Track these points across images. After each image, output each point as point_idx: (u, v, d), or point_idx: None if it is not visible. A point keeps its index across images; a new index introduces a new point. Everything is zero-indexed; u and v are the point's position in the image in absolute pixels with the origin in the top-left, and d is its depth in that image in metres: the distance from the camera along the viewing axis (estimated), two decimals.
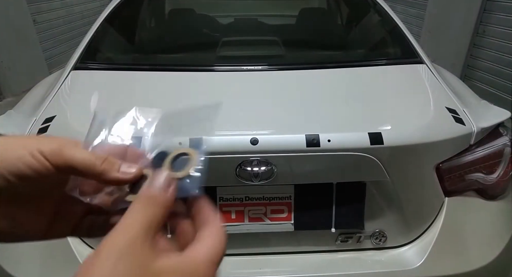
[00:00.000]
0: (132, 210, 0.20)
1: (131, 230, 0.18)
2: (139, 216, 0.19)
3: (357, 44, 1.43)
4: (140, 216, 0.19)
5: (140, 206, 0.20)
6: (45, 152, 0.21)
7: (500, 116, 0.88)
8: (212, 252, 0.20)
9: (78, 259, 0.79)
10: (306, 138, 0.73)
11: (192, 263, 0.19)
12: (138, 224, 0.19)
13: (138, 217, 0.19)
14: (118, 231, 0.18)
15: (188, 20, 1.48)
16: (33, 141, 0.22)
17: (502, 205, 0.89)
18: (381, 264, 0.83)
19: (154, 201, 0.20)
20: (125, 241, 0.18)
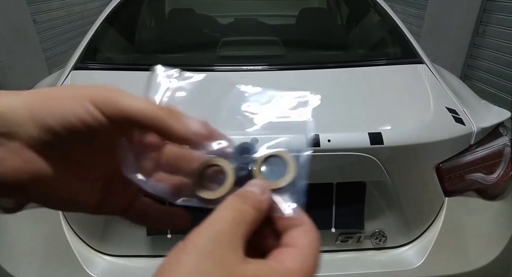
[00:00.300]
0: (223, 205, 0.18)
1: (219, 225, 0.16)
2: (229, 213, 0.17)
3: (357, 44, 1.43)
4: (232, 212, 0.17)
5: (230, 202, 0.18)
6: (98, 102, 0.18)
7: (500, 116, 0.88)
8: (308, 264, 0.17)
9: (78, 259, 0.79)
10: (306, 138, 0.73)
11: (288, 274, 0.16)
12: (228, 220, 0.17)
13: (228, 213, 0.17)
14: (206, 226, 0.16)
15: (188, 20, 1.48)
16: (85, 91, 0.19)
17: (502, 205, 0.89)
18: (381, 264, 0.83)
19: (251, 201, 0.18)
20: (211, 237, 0.16)
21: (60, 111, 0.18)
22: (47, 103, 0.18)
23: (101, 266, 0.81)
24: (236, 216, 0.17)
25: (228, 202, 0.18)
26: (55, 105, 0.18)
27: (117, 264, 0.82)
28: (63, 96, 0.19)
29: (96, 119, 0.18)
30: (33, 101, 0.18)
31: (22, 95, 0.18)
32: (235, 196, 0.18)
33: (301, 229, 0.19)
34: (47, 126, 0.18)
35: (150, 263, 0.82)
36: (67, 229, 0.81)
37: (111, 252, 0.83)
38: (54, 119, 0.18)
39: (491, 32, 2.52)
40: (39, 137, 0.18)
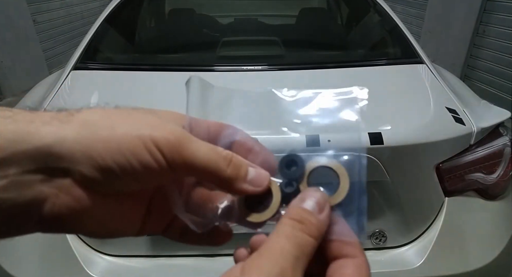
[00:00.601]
0: (281, 232, 0.16)
1: (282, 261, 0.15)
2: (289, 246, 0.16)
3: (357, 44, 1.43)
4: (290, 246, 0.16)
5: (290, 231, 0.16)
6: (161, 145, 0.17)
7: (500, 116, 0.88)
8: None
9: (78, 259, 0.79)
10: (306, 138, 0.73)
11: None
12: (289, 255, 0.15)
13: (287, 246, 0.16)
14: (266, 257, 0.15)
15: (188, 20, 1.48)
16: (149, 131, 0.17)
17: (502, 205, 0.89)
18: (381, 264, 0.83)
19: (310, 229, 0.16)
20: (276, 273, 0.15)
21: (120, 152, 0.16)
22: (104, 141, 0.16)
23: (101, 266, 0.81)
24: (298, 251, 0.16)
25: (287, 229, 0.16)
26: (114, 145, 0.16)
27: (117, 264, 0.82)
28: (124, 134, 0.17)
29: (160, 164, 0.17)
30: (87, 136, 0.16)
31: (72, 126, 0.16)
32: (292, 221, 0.17)
33: (354, 265, 0.17)
34: (104, 166, 0.16)
35: (150, 263, 0.82)
36: None
37: (111, 252, 0.83)
38: (113, 160, 0.16)
39: (491, 32, 2.52)
40: (92, 175, 0.16)
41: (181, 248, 0.82)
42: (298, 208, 0.17)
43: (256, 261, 0.15)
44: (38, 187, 0.16)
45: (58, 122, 0.16)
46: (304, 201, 0.17)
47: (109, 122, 0.17)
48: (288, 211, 0.17)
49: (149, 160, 0.17)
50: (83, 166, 0.16)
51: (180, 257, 0.82)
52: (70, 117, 0.17)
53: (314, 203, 0.17)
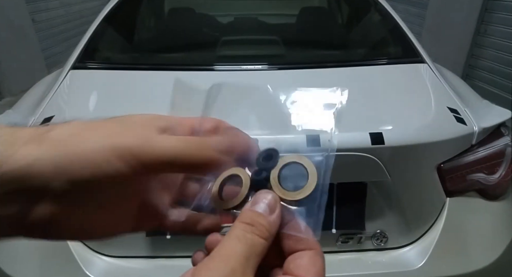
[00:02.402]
0: (233, 234, 0.17)
1: (231, 262, 0.16)
2: (239, 247, 0.17)
3: (358, 43, 1.43)
4: (241, 247, 0.17)
5: (241, 233, 0.17)
6: (123, 152, 0.17)
7: (502, 116, 0.88)
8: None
9: (77, 260, 0.79)
10: (306, 138, 0.72)
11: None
12: (239, 256, 0.16)
13: (238, 247, 0.17)
14: (217, 260, 0.16)
15: (188, 19, 1.47)
16: (110, 137, 0.18)
17: (504, 206, 0.88)
18: (382, 265, 0.83)
19: (260, 231, 0.17)
20: (226, 273, 0.16)
21: (88, 165, 0.17)
22: (73, 157, 0.17)
23: (100, 267, 0.80)
24: (248, 252, 0.17)
25: (238, 232, 0.17)
26: (82, 159, 0.17)
27: (116, 265, 0.81)
28: (90, 148, 0.17)
29: (122, 171, 0.17)
30: (58, 154, 0.17)
31: (45, 146, 0.17)
32: (243, 224, 0.18)
33: (308, 256, 0.18)
34: (74, 180, 0.17)
35: (149, 264, 0.82)
36: None
37: (110, 253, 0.82)
38: (81, 174, 0.17)
39: (493, 32, 2.51)
40: (65, 189, 0.17)
41: (181, 249, 0.81)
42: (249, 211, 0.18)
43: (207, 263, 0.16)
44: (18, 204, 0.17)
45: (34, 142, 0.18)
46: (256, 204, 0.18)
47: (78, 138, 0.18)
48: (240, 215, 0.18)
49: (111, 169, 0.17)
50: (56, 183, 0.17)
51: (179, 258, 0.82)
52: (44, 135, 0.18)
53: (265, 205, 0.18)
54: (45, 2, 3.36)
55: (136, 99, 0.89)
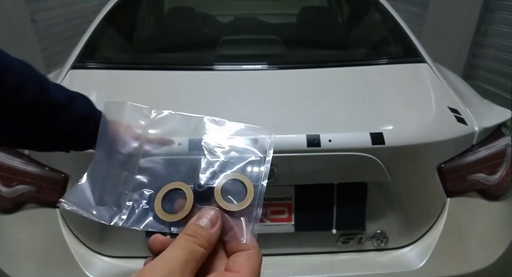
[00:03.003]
0: (176, 243, 0.20)
1: (171, 264, 0.19)
2: (181, 252, 0.20)
3: (358, 43, 1.42)
4: (181, 253, 0.20)
5: (183, 242, 0.20)
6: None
7: (503, 115, 0.88)
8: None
9: (76, 260, 0.79)
10: (307, 138, 0.72)
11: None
12: (178, 259, 0.19)
13: (179, 253, 0.20)
14: (159, 262, 0.19)
15: (188, 19, 1.47)
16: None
17: (504, 206, 0.88)
18: (382, 265, 0.83)
19: (201, 241, 0.21)
20: (164, 274, 0.18)
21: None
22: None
23: (99, 267, 0.80)
24: (187, 257, 0.20)
25: (181, 241, 0.20)
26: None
27: (116, 265, 0.81)
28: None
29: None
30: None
31: None
32: (186, 236, 0.21)
33: (245, 255, 0.21)
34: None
35: None
36: (65, 230, 0.80)
37: (110, 253, 0.82)
38: None
39: (493, 31, 2.51)
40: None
41: None
42: (193, 225, 0.22)
43: (151, 265, 0.19)
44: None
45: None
46: (200, 219, 0.22)
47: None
48: (185, 228, 0.21)
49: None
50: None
51: None
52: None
53: (208, 220, 0.22)
54: (45, 2, 3.35)
55: (136, 99, 0.89)
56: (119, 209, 0.25)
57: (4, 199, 0.80)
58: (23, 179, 0.79)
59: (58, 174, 0.78)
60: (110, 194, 0.25)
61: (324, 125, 0.78)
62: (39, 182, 0.79)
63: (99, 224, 0.88)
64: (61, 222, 0.80)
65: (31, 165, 0.79)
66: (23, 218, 0.81)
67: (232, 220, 0.22)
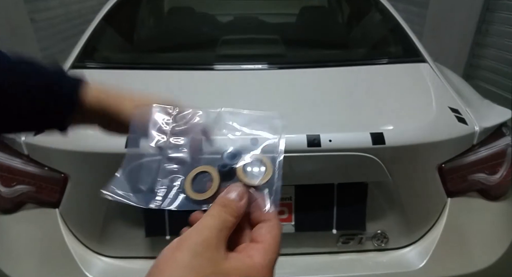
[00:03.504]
0: (209, 213, 0.23)
1: (207, 232, 0.21)
2: (214, 221, 0.22)
3: (359, 43, 1.42)
4: (215, 222, 0.22)
5: (216, 212, 0.23)
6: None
7: (503, 115, 0.87)
8: (271, 257, 0.23)
9: (76, 261, 0.79)
10: (307, 138, 0.72)
11: (255, 268, 0.22)
12: (213, 228, 0.22)
13: (213, 221, 0.22)
14: (196, 231, 0.22)
15: (188, 19, 1.47)
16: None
17: (505, 206, 0.88)
18: (382, 265, 0.82)
19: (228, 210, 0.23)
20: (201, 240, 0.21)
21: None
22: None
23: (99, 268, 0.80)
24: (220, 225, 0.22)
25: (214, 211, 0.23)
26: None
27: (115, 266, 0.81)
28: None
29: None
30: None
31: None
32: (218, 205, 0.23)
33: (267, 225, 0.24)
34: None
35: (148, 265, 0.81)
36: (65, 230, 0.80)
37: (109, 253, 0.82)
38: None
39: (494, 31, 2.50)
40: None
41: None
42: (223, 198, 0.24)
43: (188, 233, 0.21)
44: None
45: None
46: (229, 193, 0.25)
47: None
48: (216, 201, 0.24)
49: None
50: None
51: None
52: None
53: (235, 194, 0.24)
54: (44, 2, 3.35)
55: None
56: (153, 194, 0.27)
57: (4, 199, 0.80)
58: (23, 179, 0.78)
59: (58, 174, 0.78)
60: (144, 182, 0.28)
61: (324, 125, 0.78)
62: (38, 182, 0.78)
63: (99, 224, 0.88)
64: (60, 222, 0.80)
65: (30, 165, 0.78)
66: (22, 218, 0.81)
67: (255, 194, 0.25)
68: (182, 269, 0.19)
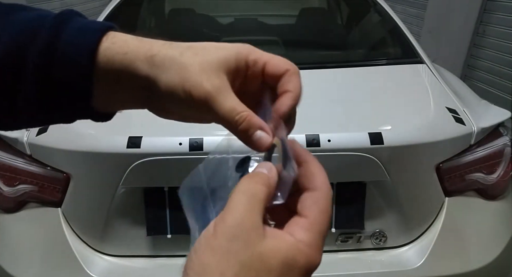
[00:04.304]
0: (237, 188, 0.20)
1: (239, 210, 0.19)
2: (246, 196, 0.19)
3: (357, 44, 1.43)
4: (247, 195, 0.19)
5: (244, 186, 0.20)
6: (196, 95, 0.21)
7: (500, 116, 0.88)
8: (318, 235, 0.19)
9: (78, 259, 0.79)
10: (306, 138, 0.73)
11: (297, 248, 0.18)
12: (246, 204, 0.19)
13: (245, 196, 0.19)
14: (228, 213, 0.19)
15: (188, 20, 1.48)
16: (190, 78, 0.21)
17: (502, 205, 0.89)
18: (381, 264, 0.83)
19: (260, 179, 0.20)
20: (234, 222, 0.18)
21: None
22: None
23: (101, 266, 0.80)
24: (251, 199, 0.19)
25: (242, 185, 0.20)
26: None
27: (117, 264, 0.82)
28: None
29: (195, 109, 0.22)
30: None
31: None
32: (246, 178, 0.20)
33: (313, 196, 0.20)
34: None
35: (150, 263, 0.82)
36: (67, 229, 0.81)
37: (111, 252, 0.83)
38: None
39: (491, 32, 2.52)
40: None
41: (181, 248, 0.82)
42: (251, 172, 0.22)
43: (221, 216, 0.19)
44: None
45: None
46: (258, 167, 0.22)
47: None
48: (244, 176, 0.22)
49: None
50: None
51: (180, 257, 0.82)
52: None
53: (263, 167, 0.21)
54: (46, 3, 3.36)
55: None
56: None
57: (6, 199, 0.80)
58: (25, 178, 0.79)
59: (60, 174, 0.78)
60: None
61: (323, 125, 0.78)
62: (41, 181, 0.79)
63: (101, 223, 0.88)
64: (63, 221, 0.81)
65: (32, 165, 0.79)
66: (25, 217, 0.82)
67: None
68: (219, 256, 0.17)
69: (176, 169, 0.74)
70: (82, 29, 0.22)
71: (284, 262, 0.18)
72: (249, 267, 0.17)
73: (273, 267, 0.17)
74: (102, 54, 0.22)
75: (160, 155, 0.72)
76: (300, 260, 0.18)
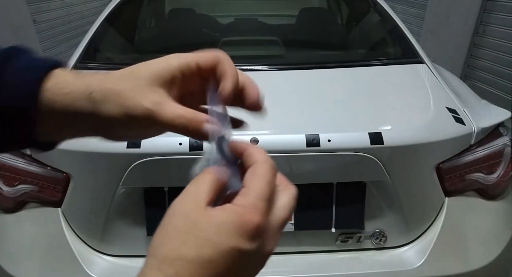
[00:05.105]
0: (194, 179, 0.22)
1: (185, 194, 0.21)
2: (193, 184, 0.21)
3: (357, 44, 1.43)
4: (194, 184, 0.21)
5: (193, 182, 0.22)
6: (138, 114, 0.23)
7: (500, 116, 0.88)
8: (256, 198, 0.20)
9: (78, 259, 0.79)
10: (306, 138, 0.73)
11: (232, 209, 0.20)
12: (191, 189, 0.21)
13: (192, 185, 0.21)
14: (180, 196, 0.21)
15: (188, 20, 1.48)
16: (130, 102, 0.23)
17: (502, 205, 0.89)
18: (381, 264, 0.83)
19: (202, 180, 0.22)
20: (181, 202, 0.21)
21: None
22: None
23: (101, 266, 0.81)
24: (196, 185, 0.21)
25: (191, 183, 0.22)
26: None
27: (117, 264, 0.82)
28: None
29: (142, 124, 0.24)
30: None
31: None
32: (194, 179, 0.22)
33: (251, 170, 0.22)
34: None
35: None
36: (67, 229, 0.81)
37: (111, 252, 0.83)
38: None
39: (491, 32, 2.52)
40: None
41: None
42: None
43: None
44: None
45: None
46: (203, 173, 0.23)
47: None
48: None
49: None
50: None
51: None
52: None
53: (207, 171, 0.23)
54: (47, 3, 3.36)
55: None
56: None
57: (6, 199, 0.80)
58: (25, 178, 0.79)
59: (60, 174, 0.78)
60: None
61: (323, 125, 0.78)
62: (40, 181, 0.79)
63: (101, 223, 0.88)
64: (62, 221, 0.81)
65: (33, 165, 0.79)
66: (25, 217, 0.82)
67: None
68: (171, 231, 0.20)
69: (176, 169, 0.74)
70: (27, 68, 0.24)
71: (218, 223, 0.19)
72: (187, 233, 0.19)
73: (204, 227, 0.19)
74: (44, 94, 0.24)
75: (160, 155, 0.72)
76: (235, 218, 0.19)
